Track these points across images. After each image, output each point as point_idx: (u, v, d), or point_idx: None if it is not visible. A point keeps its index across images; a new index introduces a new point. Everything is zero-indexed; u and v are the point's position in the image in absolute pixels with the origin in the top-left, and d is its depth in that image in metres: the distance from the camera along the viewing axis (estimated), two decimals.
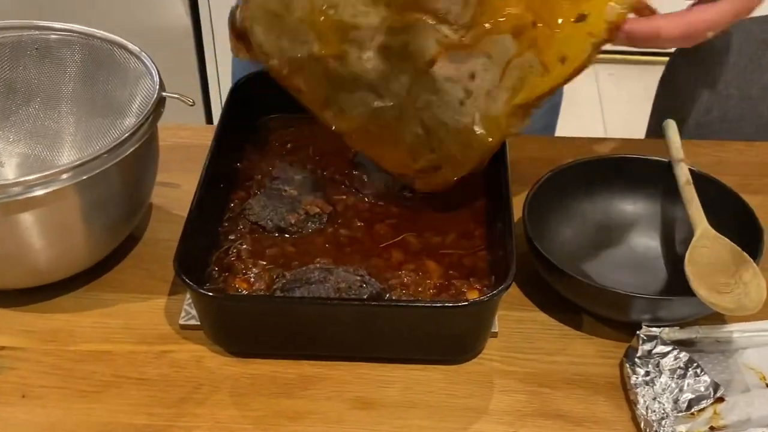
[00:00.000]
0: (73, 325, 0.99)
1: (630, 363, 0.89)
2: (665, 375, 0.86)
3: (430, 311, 0.88)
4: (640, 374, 0.87)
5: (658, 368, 0.87)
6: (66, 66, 1.08)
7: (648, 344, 0.88)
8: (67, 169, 0.90)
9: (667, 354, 0.87)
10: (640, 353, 0.88)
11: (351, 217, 1.06)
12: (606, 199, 1.08)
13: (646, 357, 0.88)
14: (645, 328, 0.90)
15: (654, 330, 0.89)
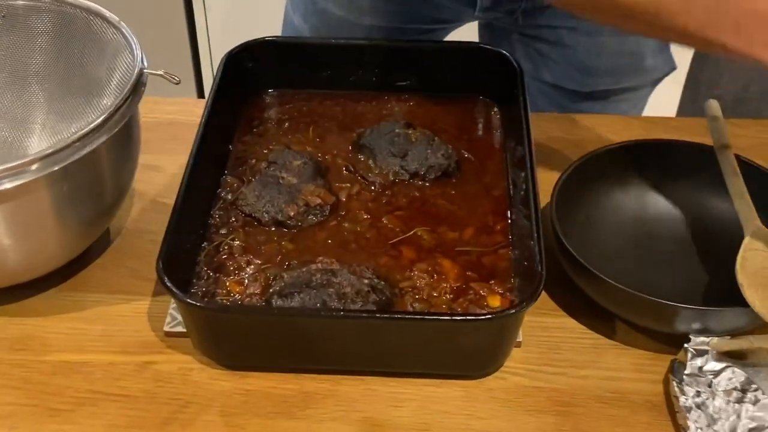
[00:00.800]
0: (45, 330, 0.89)
1: (677, 381, 0.78)
2: (719, 398, 0.75)
3: (447, 325, 0.78)
4: (689, 395, 0.76)
5: (710, 389, 0.76)
6: (35, 37, 0.96)
7: (698, 360, 0.78)
8: (37, 158, 0.78)
9: (721, 372, 0.77)
10: (689, 370, 0.78)
11: (356, 209, 0.95)
12: (640, 189, 0.97)
13: (697, 375, 0.78)
14: (694, 341, 0.79)
15: (704, 343, 0.79)
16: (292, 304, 0.82)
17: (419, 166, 0.98)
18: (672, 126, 1.14)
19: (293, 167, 0.97)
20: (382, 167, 0.99)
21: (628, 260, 0.93)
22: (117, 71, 0.91)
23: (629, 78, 1.22)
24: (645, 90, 1.26)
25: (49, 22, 0.96)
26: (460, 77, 1.08)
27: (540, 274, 0.78)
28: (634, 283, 0.86)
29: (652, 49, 1.20)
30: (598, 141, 1.09)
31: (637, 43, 1.18)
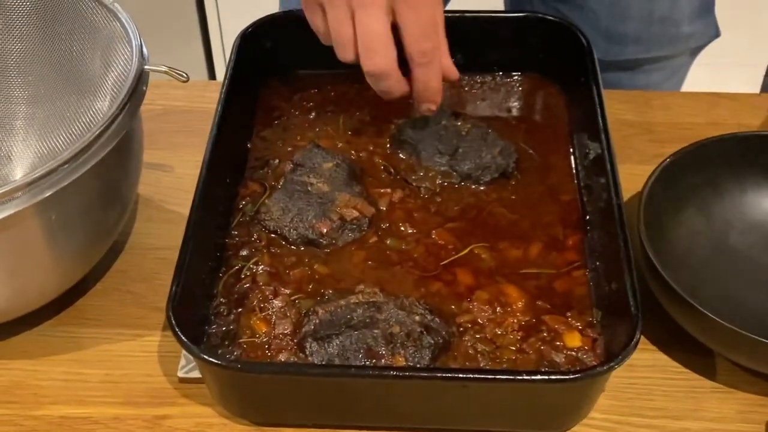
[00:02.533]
0: (38, 377, 0.75)
1: None
2: None
3: (522, 386, 0.63)
4: None
5: None
6: (12, 20, 0.80)
7: None
8: (23, 185, 0.64)
9: None
10: None
11: (399, 221, 0.80)
12: (735, 192, 0.82)
13: None
14: None
15: None
16: (330, 350, 0.69)
17: (473, 166, 0.83)
18: (757, 105, 0.98)
19: (323, 171, 0.82)
20: (428, 168, 0.83)
21: (726, 279, 0.78)
22: (113, 66, 0.76)
23: (661, 46, 1.06)
24: (682, 59, 1.09)
25: (30, 4, 0.80)
26: (515, 53, 0.92)
27: (636, 318, 0.64)
28: (738, 313, 0.72)
29: (688, 13, 1.03)
30: (674, 126, 0.95)
31: (671, 7, 1.02)
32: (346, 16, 0.73)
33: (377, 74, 0.75)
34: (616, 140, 0.81)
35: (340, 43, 0.75)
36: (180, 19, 1.95)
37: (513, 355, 0.70)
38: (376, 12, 0.72)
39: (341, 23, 0.74)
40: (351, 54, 0.75)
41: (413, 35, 0.73)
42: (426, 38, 0.74)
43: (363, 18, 0.72)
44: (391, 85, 0.76)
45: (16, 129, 0.84)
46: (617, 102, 0.96)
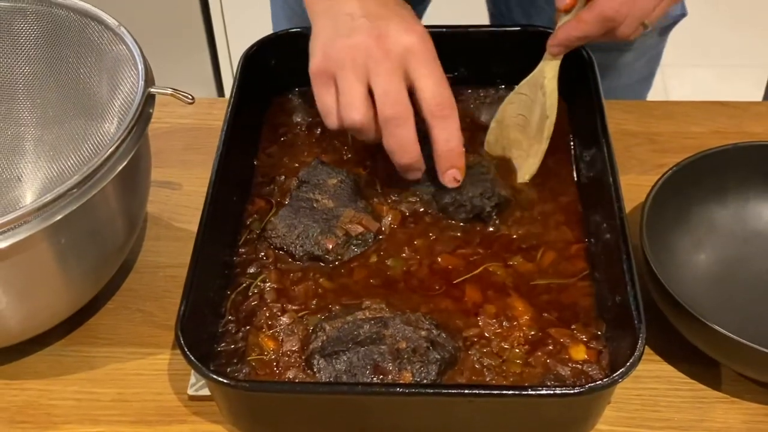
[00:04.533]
0: (50, 397, 0.76)
1: None
2: None
3: (526, 401, 0.64)
4: None
5: None
6: (21, 44, 0.82)
7: None
8: (32, 210, 0.65)
9: None
10: None
11: (404, 237, 0.80)
12: (739, 202, 0.82)
13: None
14: None
15: None
16: (338, 366, 0.69)
17: (450, 201, 0.81)
18: (760, 112, 0.99)
19: (328, 187, 0.83)
20: (413, 191, 0.83)
21: (730, 289, 0.79)
22: (120, 89, 0.77)
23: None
24: (652, 39, 1.10)
25: (37, 28, 0.81)
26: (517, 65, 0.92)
27: (639, 331, 0.64)
28: (742, 323, 0.73)
29: None
30: (676, 135, 0.95)
31: None
32: (360, 86, 0.73)
33: (397, 119, 0.73)
34: (618, 150, 0.82)
35: (352, 103, 0.73)
36: (188, 36, 1.97)
37: (519, 369, 0.70)
38: (395, 74, 0.72)
39: (353, 89, 0.73)
40: (360, 115, 0.73)
41: (430, 90, 0.73)
42: (442, 91, 0.74)
43: (384, 80, 0.72)
44: (408, 135, 0.74)
45: (25, 151, 0.85)
46: (619, 112, 0.97)
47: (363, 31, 0.73)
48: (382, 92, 0.72)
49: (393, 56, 0.72)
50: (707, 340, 0.71)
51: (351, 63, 0.72)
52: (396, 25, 0.73)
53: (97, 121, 0.79)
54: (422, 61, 0.73)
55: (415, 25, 0.74)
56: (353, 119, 0.73)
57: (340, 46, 0.73)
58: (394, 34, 0.73)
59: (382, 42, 0.72)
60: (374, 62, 0.72)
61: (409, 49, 0.72)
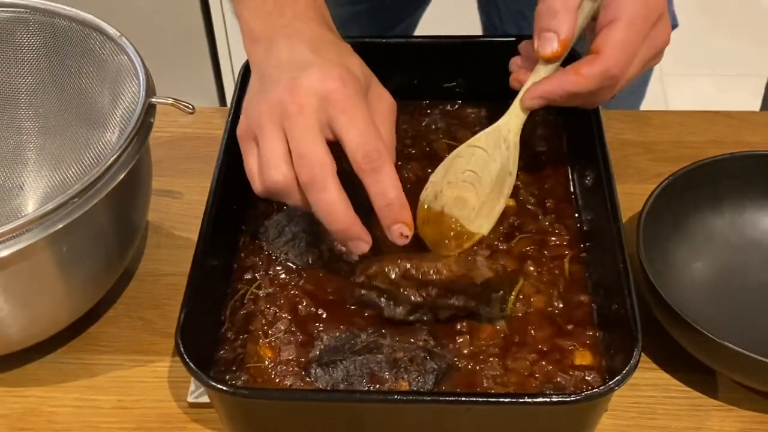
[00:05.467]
0: (51, 403, 0.77)
1: None
2: None
3: (524, 408, 0.64)
4: None
5: None
6: (23, 54, 0.83)
7: None
8: (36, 218, 0.66)
9: None
10: None
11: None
12: (736, 211, 0.83)
13: None
14: None
15: None
16: (335, 375, 0.70)
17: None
18: (757, 122, 0.99)
19: None
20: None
21: (727, 298, 0.79)
22: (121, 99, 0.78)
23: None
24: None
25: (39, 38, 0.82)
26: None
27: (636, 339, 0.65)
28: (739, 331, 0.73)
29: None
30: (674, 145, 0.96)
31: None
32: (279, 145, 0.66)
33: (314, 183, 0.65)
34: (616, 159, 0.83)
35: (270, 162, 0.66)
36: (190, 46, 1.98)
37: (519, 378, 0.71)
38: (310, 131, 0.65)
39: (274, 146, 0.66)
40: (280, 175, 0.65)
41: (354, 141, 0.65)
42: (367, 140, 0.65)
43: (298, 140, 0.65)
44: (331, 198, 0.65)
45: (27, 160, 0.86)
46: (617, 121, 0.98)
47: (280, 85, 0.66)
48: (297, 155, 0.65)
49: (307, 110, 0.65)
50: (704, 348, 0.71)
51: (268, 121, 0.66)
52: (313, 73, 0.66)
53: (98, 130, 0.80)
54: (341, 108, 0.65)
55: (334, 68, 0.66)
56: (274, 180, 0.66)
57: (259, 104, 0.67)
58: (307, 84, 0.65)
59: (296, 95, 0.65)
60: (288, 119, 0.65)
61: (325, 98, 0.65)
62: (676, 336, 0.73)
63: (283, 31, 0.69)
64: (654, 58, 0.74)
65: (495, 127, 0.76)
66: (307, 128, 0.65)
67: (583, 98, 0.74)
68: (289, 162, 0.65)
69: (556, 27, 0.70)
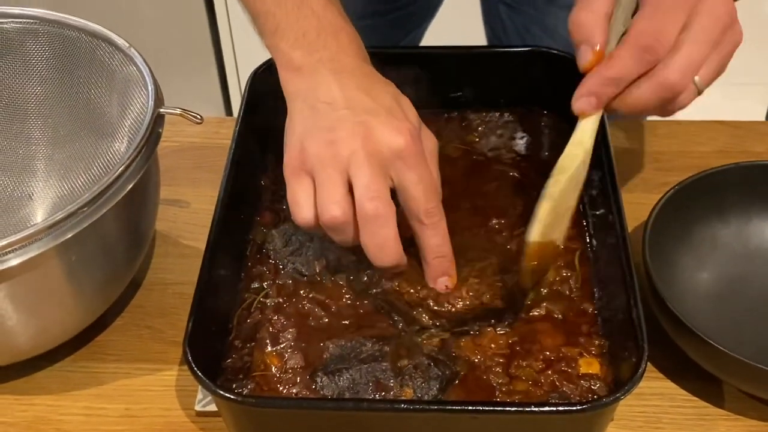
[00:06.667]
0: (60, 412, 0.77)
1: None
2: None
3: (530, 417, 0.65)
4: None
5: None
6: (32, 65, 0.83)
7: None
8: (43, 228, 0.66)
9: None
10: None
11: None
12: (741, 220, 0.83)
13: None
14: None
15: None
16: (341, 383, 0.70)
17: None
18: (763, 132, 1.00)
19: None
20: None
21: (733, 307, 0.79)
22: (130, 109, 0.78)
23: None
24: None
25: (49, 48, 0.83)
26: (519, 86, 0.93)
27: (642, 349, 0.65)
28: (745, 341, 0.73)
29: None
30: (680, 154, 0.96)
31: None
32: (341, 185, 0.66)
33: (378, 217, 0.66)
34: (621, 169, 0.83)
35: (331, 199, 0.66)
36: (197, 57, 1.99)
37: (525, 386, 0.71)
38: (380, 177, 0.66)
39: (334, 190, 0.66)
40: (340, 211, 0.66)
41: (420, 197, 0.67)
42: (430, 197, 0.67)
43: (369, 180, 0.66)
44: (389, 235, 0.67)
45: (37, 169, 0.86)
46: (623, 131, 0.98)
47: (346, 127, 0.66)
48: (364, 188, 0.66)
49: (379, 158, 0.66)
50: (710, 357, 0.71)
51: (332, 160, 0.66)
52: (383, 124, 0.66)
53: (107, 140, 0.81)
54: (411, 165, 0.66)
55: (403, 122, 0.67)
56: (334, 216, 0.66)
57: (321, 141, 0.67)
58: (380, 135, 0.66)
59: (369, 143, 0.66)
60: (358, 162, 0.66)
61: (398, 153, 0.66)
62: (682, 345, 0.73)
63: (328, 65, 0.69)
64: (717, 44, 0.67)
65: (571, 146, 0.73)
66: (377, 173, 0.66)
67: (651, 103, 0.68)
68: (348, 200, 0.66)
69: (588, 37, 0.70)
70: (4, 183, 0.86)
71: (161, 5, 1.90)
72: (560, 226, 0.73)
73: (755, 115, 2.01)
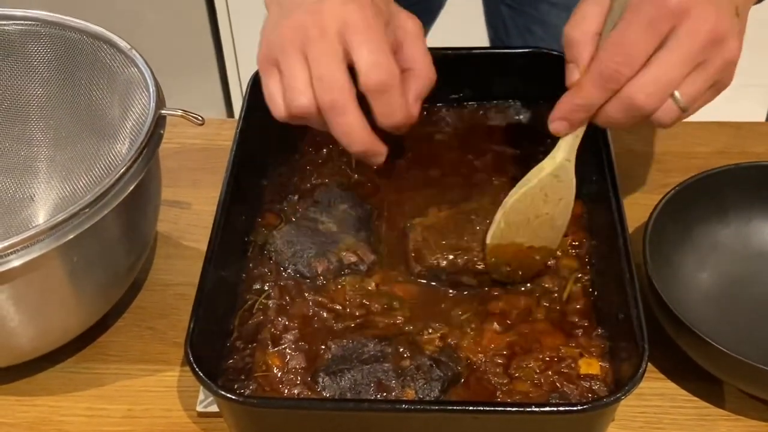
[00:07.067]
0: (61, 413, 0.77)
1: None
2: None
3: (531, 417, 0.65)
4: None
5: None
6: (34, 67, 0.84)
7: None
8: (45, 229, 0.66)
9: None
10: None
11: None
12: (743, 221, 0.83)
13: None
14: None
15: None
16: (342, 384, 0.70)
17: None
18: (763, 132, 1.00)
19: (338, 211, 0.84)
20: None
21: (733, 308, 0.80)
22: (131, 111, 0.79)
23: None
24: None
25: (50, 50, 0.83)
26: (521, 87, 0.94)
27: (642, 349, 0.65)
28: (745, 341, 0.74)
29: None
30: (680, 155, 0.96)
31: None
32: (302, 70, 0.66)
33: (334, 107, 0.66)
34: (622, 170, 0.83)
35: (295, 87, 0.67)
36: (199, 58, 1.99)
37: (525, 386, 0.71)
38: (329, 55, 0.66)
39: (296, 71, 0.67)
40: (305, 99, 0.67)
41: (365, 62, 0.66)
42: (379, 61, 0.66)
43: (318, 64, 0.66)
44: (351, 122, 0.67)
45: (38, 171, 0.86)
46: (623, 132, 0.98)
47: (301, 10, 0.67)
48: (317, 78, 0.66)
49: (329, 34, 0.65)
50: (710, 358, 0.71)
51: (290, 45, 0.66)
52: (335, 2, 0.66)
53: (108, 142, 0.81)
54: (358, 30, 0.65)
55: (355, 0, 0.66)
56: (299, 104, 0.67)
57: (280, 29, 0.67)
58: (328, 8, 0.66)
59: (318, 18, 0.66)
60: (310, 43, 0.66)
61: (345, 22, 0.65)
62: (683, 346, 0.74)
63: None
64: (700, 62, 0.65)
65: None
66: (327, 52, 0.65)
67: (615, 116, 0.67)
68: (312, 86, 0.66)
69: (575, 57, 0.69)
70: (6, 184, 0.87)
71: (163, 7, 1.91)
72: (527, 231, 0.75)
73: (755, 116, 2.01)
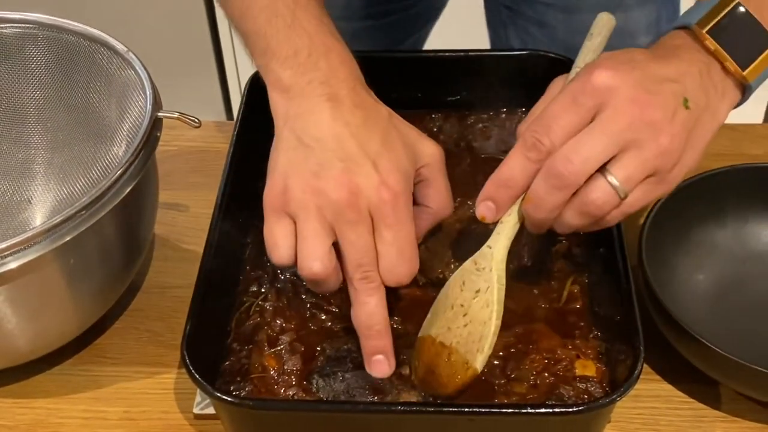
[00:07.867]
0: (59, 415, 0.77)
1: None
2: None
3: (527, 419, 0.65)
4: None
5: None
6: (31, 69, 0.84)
7: None
8: (42, 231, 0.67)
9: None
10: None
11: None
12: (739, 223, 0.83)
13: None
14: None
15: None
16: (336, 386, 0.71)
17: None
18: (760, 134, 1.00)
19: None
20: None
21: (730, 309, 0.80)
22: (128, 113, 0.79)
23: None
24: None
25: (48, 53, 0.83)
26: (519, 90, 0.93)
27: (638, 351, 0.65)
28: (742, 343, 0.74)
29: (645, 25, 1.06)
30: None
31: (625, 20, 1.02)
32: (326, 238, 0.64)
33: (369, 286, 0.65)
34: None
35: (313, 254, 0.64)
36: (197, 60, 1.99)
37: (522, 388, 0.71)
38: (365, 236, 0.64)
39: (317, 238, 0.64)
40: (321, 267, 0.64)
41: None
42: (401, 264, 0.65)
43: (355, 242, 0.64)
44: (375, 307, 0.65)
45: (36, 174, 0.87)
46: None
47: (333, 176, 0.64)
48: (353, 262, 0.64)
49: (363, 215, 0.64)
50: (706, 360, 0.72)
51: (316, 212, 0.64)
52: (370, 176, 0.64)
53: (105, 144, 0.81)
54: (387, 224, 0.64)
55: (390, 175, 0.64)
56: (314, 272, 0.64)
57: (306, 186, 0.64)
58: (365, 189, 0.64)
59: (354, 199, 0.63)
60: (345, 223, 0.64)
61: (378, 209, 0.64)
62: (679, 347, 0.74)
63: (319, 89, 0.66)
64: (626, 141, 0.62)
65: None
66: (363, 234, 0.64)
67: (540, 191, 0.64)
68: (331, 256, 0.64)
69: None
70: (3, 187, 0.87)
71: (161, 9, 1.90)
72: (442, 323, 0.69)
73: (752, 117, 2.01)
